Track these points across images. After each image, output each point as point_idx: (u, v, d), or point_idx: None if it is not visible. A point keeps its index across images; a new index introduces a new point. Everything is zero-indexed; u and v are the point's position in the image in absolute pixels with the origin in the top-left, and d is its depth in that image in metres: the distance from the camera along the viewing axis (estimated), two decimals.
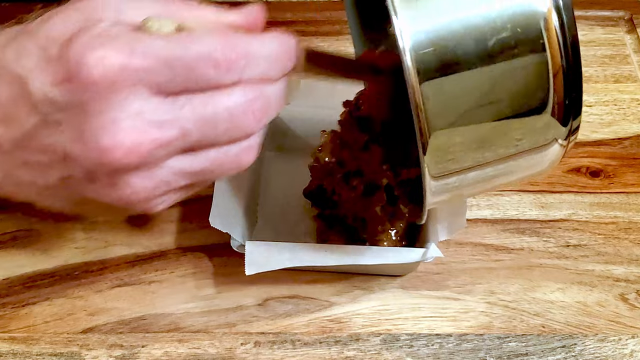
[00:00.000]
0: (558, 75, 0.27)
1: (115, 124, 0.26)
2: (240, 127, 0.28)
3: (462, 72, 0.27)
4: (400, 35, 0.27)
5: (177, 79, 0.26)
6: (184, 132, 0.27)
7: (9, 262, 0.43)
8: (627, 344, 0.40)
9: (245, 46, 0.27)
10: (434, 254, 0.38)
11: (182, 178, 0.29)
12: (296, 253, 0.39)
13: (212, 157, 0.29)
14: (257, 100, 0.28)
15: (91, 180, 0.28)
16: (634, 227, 0.45)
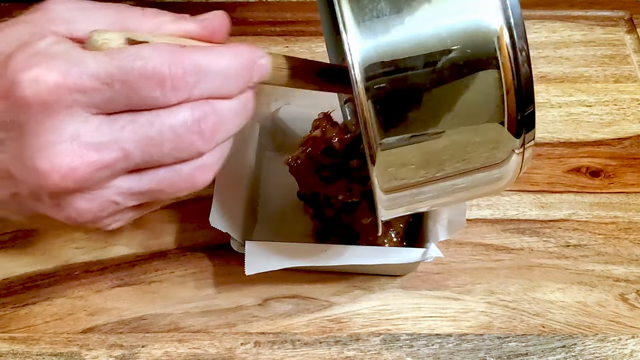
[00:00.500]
0: (510, 93, 0.27)
1: (51, 148, 0.25)
2: (186, 147, 0.27)
3: (412, 89, 0.27)
4: (349, 50, 0.26)
5: (118, 99, 0.25)
6: (125, 153, 0.26)
7: (9, 262, 0.43)
8: (627, 344, 0.40)
9: (196, 61, 0.26)
10: (433, 254, 0.38)
11: (130, 198, 0.28)
12: (296, 253, 0.39)
13: (161, 177, 0.27)
14: (206, 119, 0.26)
15: (36, 199, 0.27)
16: (634, 227, 0.45)
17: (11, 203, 0.28)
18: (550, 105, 0.52)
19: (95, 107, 0.25)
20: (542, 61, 0.54)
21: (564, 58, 0.55)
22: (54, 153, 0.25)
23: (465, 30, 0.27)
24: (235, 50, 0.27)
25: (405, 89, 0.27)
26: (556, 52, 0.55)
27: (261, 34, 0.55)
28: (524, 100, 0.28)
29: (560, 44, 0.56)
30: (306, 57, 0.56)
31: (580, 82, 0.53)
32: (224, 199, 0.40)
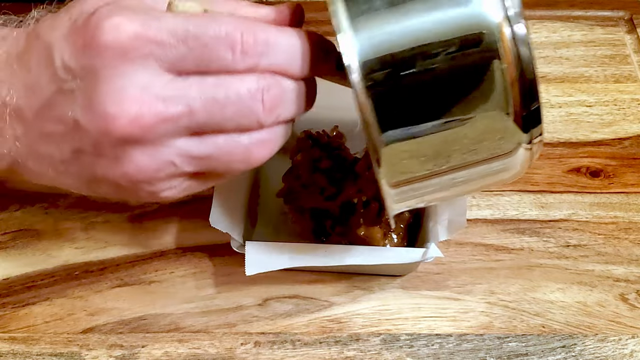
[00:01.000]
0: (515, 86, 0.27)
1: (122, 93, 0.26)
2: (248, 114, 0.27)
3: (412, 85, 0.27)
4: (346, 52, 0.26)
5: (190, 57, 0.26)
6: (190, 110, 0.27)
7: (9, 262, 0.43)
8: (627, 344, 0.40)
9: (266, 34, 0.27)
10: (433, 254, 0.38)
11: (189, 162, 0.28)
12: (296, 253, 0.39)
13: (221, 144, 0.28)
14: (270, 90, 0.27)
15: (98, 153, 0.28)
16: (634, 227, 0.45)
17: (72, 163, 0.29)
18: (550, 105, 0.52)
19: (168, 63, 0.26)
20: (542, 61, 0.54)
21: (564, 58, 0.55)
22: (124, 98, 0.26)
23: (465, 23, 0.26)
24: (305, 33, 0.28)
25: (405, 85, 0.27)
26: (556, 52, 0.55)
27: None
28: (529, 94, 0.27)
29: (560, 44, 0.56)
30: None
31: (580, 82, 0.53)
32: (224, 199, 0.40)
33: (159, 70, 0.26)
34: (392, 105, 0.27)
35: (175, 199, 0.31)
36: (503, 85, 0.27)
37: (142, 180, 0.28)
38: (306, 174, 0.42)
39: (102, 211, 0.45)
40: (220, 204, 0.39)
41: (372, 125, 0.27)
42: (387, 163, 0.28)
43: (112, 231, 0.44)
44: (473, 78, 0.27)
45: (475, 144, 0.29)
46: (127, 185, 0.29)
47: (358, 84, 0.27)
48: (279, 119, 0.29)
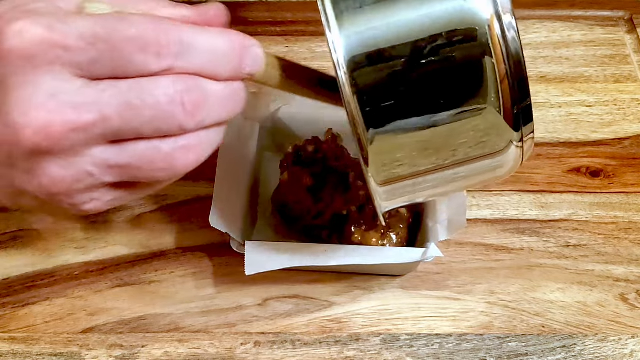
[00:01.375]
0: (504, 83, 0.27)
1: (28, 101, 0.25)
2: (167, 118, 0.26)
3: (400, 81, 0.27)
4: (334, 49, 0.26)
5: (101, 61, 0.25)
6: (103, 117, 0.25)
7: (9, 262, 0.43)
8: (627, 344, 0.40)
9: (183, 33, 0.26)
10: (433, 254, 0.38)
11: (107, 172, 0.27)
12: (296, 253, 0.39)
13: (140, 152, 0.26)
14: (190, 93, 0.26)
15: (12, 165, 0.26)
16: (634, 227, 0.45)
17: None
18: (550, 105, 0.52)
19: (78, 68, 0.25)
20: (542, 61, 0.54)
21: (564, 58, 0.55)
22: (31, 107, 0.25)
23: (454, 19, 0.26)
24: (226, 32, 0.27)
25: (392, 81, 0.27)
26: (556, 52, 0.55)
27: (261, 34, 0.55)
28: (519, 91, 0.27)
29: (560, 44, 0.56)
30: (306, 57, 0.56)
31: (580, 82, 0.53)
32: (224, 199, 0.40)
33: (69, 75, 0.25)
34: (379, 102, 0.27)
35: (101, 211, 0.29)
36: (492, 82, 0.27)
37: (60, 192, 0.27)
38: (291, 195, 0.42)
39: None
40: (220, 204, 0.39)
41: (359, 122, 0.27)
42: (375, 160, 0.28)
43: (112, 231, 0.44)
44: (461, 74, 0.27)
45: (464, 141, 0.28)
46: (45, 199, 0.27)
47: (345, 81, 0.26)
48: (203, 124, 0.27)
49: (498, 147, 0.29)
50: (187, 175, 0.48)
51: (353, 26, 0.27)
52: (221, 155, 0.41)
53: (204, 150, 0.28)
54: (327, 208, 0.41)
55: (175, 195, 0.46)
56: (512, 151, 0.29)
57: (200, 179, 0.46)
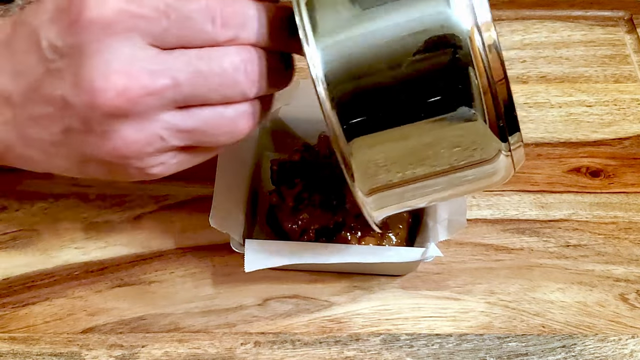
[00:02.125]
0: (487, 94, 0.27)
1: (108, 67, 0.26)
2: (232, 86, 0.28)
3: (379, 94, 0.27)
4: (312, 63, 0.27)
5: (173, 30, 0.27)
6: (175, 82, 0.27)
7: (9, 262, 0.43)
8: (627, 344, 0.40)
9: (243, 6, 0.27)
10: (433, 254, 0.38)
11: (176, 136, 0.29)
12: (296, 251, 0.39)
13: (207, 116, 0.28)
14: (251, 62, 0.28)
15: (87, 130, 0.28)
16: (634, 227, 0.45)
17: (62, 145, 0.30)
18: (550, 105, 0.52)
19: (152, 37, 0.27)
20: (542, 61, 0.54)
21: (564, 58, 0.55)
22: (110, 71, 0.26)
23: (434, 30, 0.26)
24: (283, 8, 0.29)
25: (372, 94, 0.27)
26: (556, 52, 0.55)
27: None
28: (502, 103, 0.27)
29: (560, 44, 0.56)
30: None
31: (580, 82, 0.53)
32: (224, 199, 0.40)
33: (144, 44, 0.27)
34: (359, 115, 0.27)
35: (166, 175, 0.31)
36: (475, 95, 0.27)
37: (131, 155, 0.29)
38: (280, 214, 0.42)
39: (102, 211, 0.45)
40: (220, 204, 0.39)
41: (340, 135, 0.27)
42: (359, 171, 0.28)
43: (112, 231, 0.44)
44: (442, 86, 0.27)
45: (450, 151, 0.28)
46: (116, 162, 0.29)
47: (324, 95, 0.27)
48: (261, 92, 0.29)
49: (486, 156, 0.29)
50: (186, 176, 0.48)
51: (331, 39, 0.27)
52: (221, 155, 0.41)
53: (260, 117, 0.30)
54: (310, 226, 0.41)
55: (175, 195, 0.46)
56: (501, 160, 0.29)
57: (200, 179, 0.46)
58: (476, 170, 0.30)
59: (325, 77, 0.27)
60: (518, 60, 0.54)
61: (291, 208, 0.41)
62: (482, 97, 0.27)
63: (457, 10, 0.26)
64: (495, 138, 0.28)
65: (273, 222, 0.43)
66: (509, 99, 0.27)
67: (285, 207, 0.42)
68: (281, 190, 0.42)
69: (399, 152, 0.28)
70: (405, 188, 0.30)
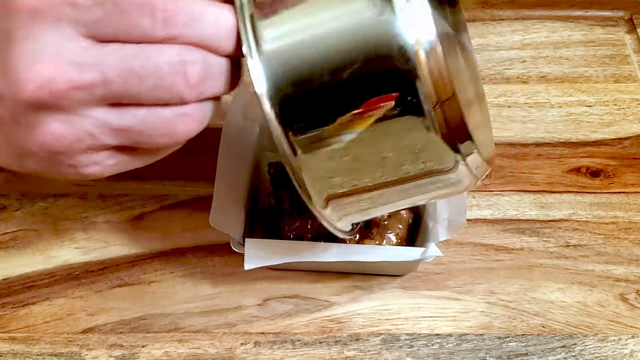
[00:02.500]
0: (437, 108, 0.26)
1: (34, 56, 0.25)
2: (168, 88, 0.26)
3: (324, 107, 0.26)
4: (255, 80, 0.26)
5: (107, 22, 0.25)
6: (105, 78, 0.25)
7: (9, 262, 0.43)
8: (627, 344, 0.40)
9: (191, 3, 0.26)
10: (433, 254, 0.38)
11: (108, 134, 0.27)
12: (296, 250, 0.39)
13: (141, 116, 0.27)
14: (193, 64, 0.26)
15: (16, 122, 0.27)
16: (634, 227, 0.45)
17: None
18: (550, 105, 0.52)
19: (84, 27, 0.25)
20: (542, 61, 0.54)
21: (564, 58, 0.55)
22: (35, 61, 0.25)
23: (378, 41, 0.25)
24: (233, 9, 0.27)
25: (316, 104, 0.26)
26: (556, 52, 0.55)
27: None
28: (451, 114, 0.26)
29: (560, 44, 0.56)
30: None
31: (580, 82, 0.53)
32: (224, 199, 0.40)
33: (75, 34, 0.25)
34: (303, 125, 0.27)
35: (102, 176, 0.29)
36: (421, 106, 0.26)
37: (61, 151, 0.27)
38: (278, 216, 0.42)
39: (102, 211, 0.45)
40: (220, 204, 0.39)
41: (287, 150, 0.27)
42: (311, 185, 0.28)
43: (112, 231, 0.44)
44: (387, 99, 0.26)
45: (400, 160, 0.28)
46: (47, 157, 0.27)
47: (269, 112, 0.26)
48: (203, 95, 0.27)
49: (443, 166, 0.28)
50: (186, 176, 0.48)
51: (276, 56, 0.26)
52: (221, 155, 0.41)
53: (202, 120, 0.28)
54: (306, 233, 0.41)
55: (175, 195, 0.46)
56: (461, 169, 0.29)
57: (200, 179, 0.46)
58: (434, 178, 0.29)
59: (268, 91, 0.26)
60: (518, 60, 0.54)
61: (288, 212, 0.41)
62: (429, 109, 0.26)
63: (403, 20, 0.25)
64: (446, 148, 0.27)
65: (271, 224, 0.43)
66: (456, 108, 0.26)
67: (282, 210, 0.42)
68: (279, 193, 0.42)
69: (348, 162, 0.28)
70: (361, 197, 0.30)
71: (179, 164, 0.47)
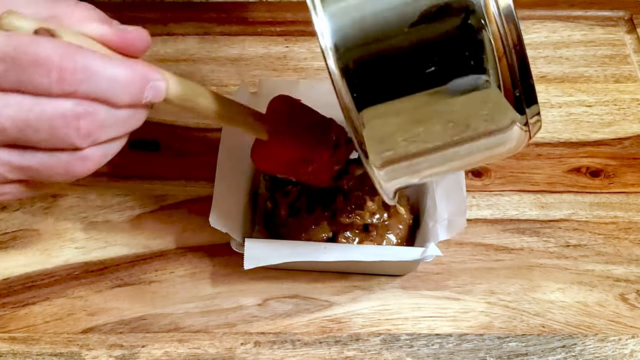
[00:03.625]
0: (502, 61, 0.26)
1: None
2: (61, 139, 0.28)
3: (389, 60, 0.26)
4: (320, 33, 0.26)
5: (8, 76, 0.27)
6: (1, 127, 0.27)
7: (9, 262, 0.43)
8: (627, 344, 0.40)
9: (88, 61, 0.27)
10: (433, 254, 0.38)
11: (11, 171, 0.29)
12: (295, 249, 0.39)
13: (40, 159, 0.29)
14: (85, 117, 0.28)
15: None
16: (634, 227, 0.45)
17: None
18: (550, 105, 0.52)
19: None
20: (542, 61, 0.54)
21: (564, 58, 0.55)
22: None
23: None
24: (131, 64, 0.29)
25: (382, 62, 0.26)
26: (556, 52, 0.55)
27: (261, 34, 0.55)
28: (519, 70, 0.27)
29: (560, 44, 0.56)
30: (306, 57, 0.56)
31: (580, 82, 0.53)
32: (224, 199, 0.40)
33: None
34: (369, 82, 0.27)
35: (15, 199, 0.32)
36: (488, 59, 0.26)
37: None
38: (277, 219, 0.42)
39: (102, 211, 0.45)
40: (220, 204, 0.39)
41: (350, 105, 0.27)
42: (371, 143, 0.28)
43: (112, 231, 0.44)
44: (455, 51, 0.26)
45: (464, 121, 0.28)
46: None
47: (333, 66, 0.26)
48: (97, 141, 0.29)
49: (501, 125, 0.28)
50: (186, 176, 0.48)
51: (338, 5, 0.26)
52: (221, 155, 0.41)
53: (101, 159, 0.30)
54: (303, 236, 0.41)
55: (175, 195, 0.46)
56: (515, 131, 0.28)
57: (200, 179, 0.46)
58: (490, 139, 0.29)
59: (334, 47, 0.26)
60: None
61: (285, 216, 0.41)
62: (497, 63, 0.26)
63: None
64: (510, 108, 0.27)
65: (269, 226, 0.43)
66: (525, 68, 0.27)
67: (279, 215, 0.42)
68: (275, 197, 0.42)
69: (410, 121, 0.28)
70: (417, 159, 0.30)
71: (179, 164, 0.48)
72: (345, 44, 0.26)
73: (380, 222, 0.42)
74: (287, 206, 0.42)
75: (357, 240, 0.41)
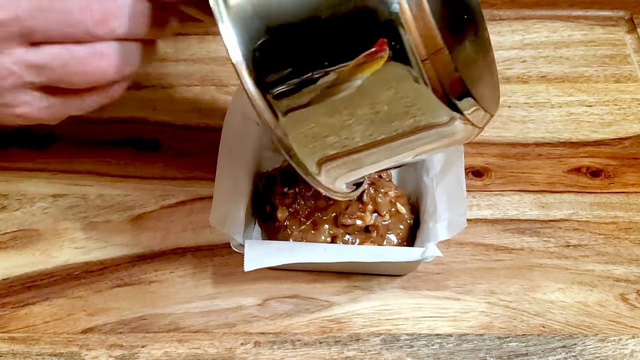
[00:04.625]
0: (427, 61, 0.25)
1: None
2: (75, 24, 0.28)
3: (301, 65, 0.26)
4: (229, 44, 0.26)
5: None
6: (17, 16, 0.27)
7: (9, 262, 0.43)
8: (627, 344, 0.40)
9: None
10: (433, 254, 0.38)
11: (29, 71, 0.29)
12: (296, 250, 0.39)
13: (56, 53, 0.28)
14: (100, 1, 0.27)
15: None
16: (634, 227, 0.45)
17: None
18: (550, 105, 0.52)
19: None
20: (542, 61, 0.54)
21: (564, 58, 0.55)
22: None
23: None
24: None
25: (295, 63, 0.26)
26: (556, 52, 0.55)
27: None
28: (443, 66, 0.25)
29: (561, 44, 0.56)
30: None
31: (580, 82, 0.53)
32: (224, 199, 0.40)
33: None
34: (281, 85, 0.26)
35: (36, 118, 0.31)
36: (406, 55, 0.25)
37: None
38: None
39: (102, 211, 0.45)
40: (220, 204, 0.39)
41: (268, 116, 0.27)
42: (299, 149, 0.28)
43: (112, 231, 0.44)
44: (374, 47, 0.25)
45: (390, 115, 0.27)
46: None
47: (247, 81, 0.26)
48: (114, 33, 0.28)
49: (437, 121, 0.27)
50: (186, 176, 0.48)
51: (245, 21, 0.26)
52: (221, 155, 0.41)
53: (120, 62, 0.29)
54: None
55: (175, 195, 0.46)
56: (456, 125, 0.28)
57: (200, 179, 0.46)
58: (430, 132, 0.28)
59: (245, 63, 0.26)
60: (518, 60, 0.54)
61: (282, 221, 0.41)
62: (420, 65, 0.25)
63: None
64: (441, 104, 0.26)
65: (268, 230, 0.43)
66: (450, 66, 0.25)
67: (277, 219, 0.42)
68: (272, 202, 0.42)
69: (336, 120, 0.27)
70: (352, 157, 0.29)
71: (179, 164, 0.48)
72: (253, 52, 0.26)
73: (380, 223, 0.42)
74: (285, 209, 0.42)
75: (357, 242, 0.41)
